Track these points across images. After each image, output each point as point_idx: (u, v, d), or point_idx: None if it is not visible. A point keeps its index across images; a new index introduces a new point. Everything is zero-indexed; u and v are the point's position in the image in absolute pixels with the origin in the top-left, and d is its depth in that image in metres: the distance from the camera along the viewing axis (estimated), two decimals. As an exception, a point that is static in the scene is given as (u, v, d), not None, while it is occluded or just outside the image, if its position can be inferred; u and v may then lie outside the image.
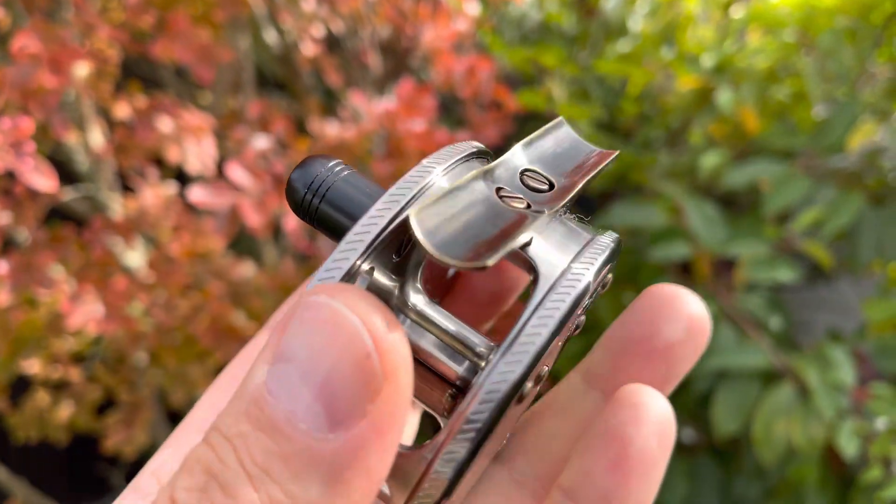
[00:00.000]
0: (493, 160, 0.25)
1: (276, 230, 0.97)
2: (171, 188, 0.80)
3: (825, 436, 0.68)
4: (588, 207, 1.43)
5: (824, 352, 0.73)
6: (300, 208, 0.23)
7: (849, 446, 0.66)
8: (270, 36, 0.84)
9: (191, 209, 0.78)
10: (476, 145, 0.26)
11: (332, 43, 0.88)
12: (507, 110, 0.78)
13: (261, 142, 0.65)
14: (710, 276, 0.79)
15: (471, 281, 0.27)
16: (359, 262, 0.20)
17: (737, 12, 1.06)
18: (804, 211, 0.81)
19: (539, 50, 1.06)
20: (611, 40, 1.17)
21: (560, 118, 0.27)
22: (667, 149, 1.12)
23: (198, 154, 0.74)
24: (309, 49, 0.77)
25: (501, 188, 0.23)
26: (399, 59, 0.82)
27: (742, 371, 0.73)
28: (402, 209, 0.21)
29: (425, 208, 0.19)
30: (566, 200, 0.23)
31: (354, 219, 0.22)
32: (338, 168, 0.23)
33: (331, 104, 1.01)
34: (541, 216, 0.22)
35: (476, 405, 0.20)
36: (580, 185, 0.24)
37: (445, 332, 0.23)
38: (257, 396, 0.16)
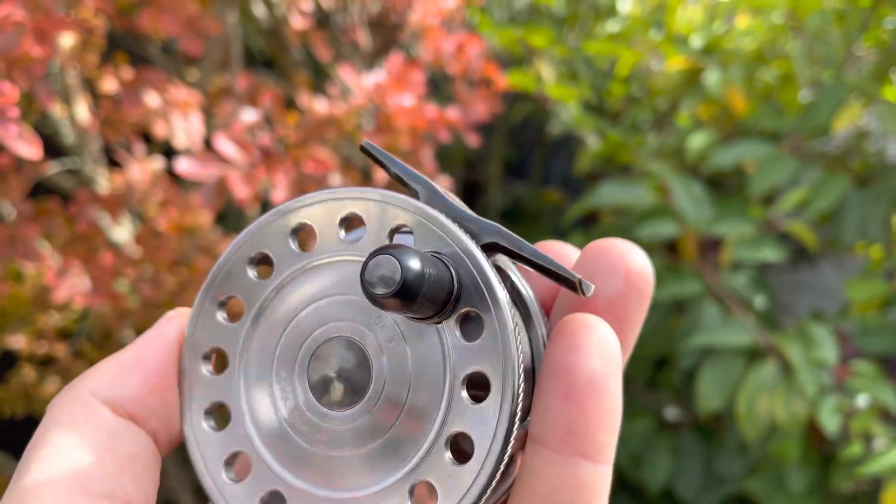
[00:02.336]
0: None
1: (263, 205, 0.97)
2: (158, 163, 0.79)
3: (807, 412, 0.69)
4: (576, 188, 1.43)
5: (807, 330, 0.74)
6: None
7: (830, 422, 0.67)
8: (259, 9, 0.84)
9: (178, 184, 0.78)
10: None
11: (321, 20, 0.87)
12: (497, 88, 0.78)
13: (248, 115, 0.65)
14: (696, 255, 0.80)
15: None
16: None
17: (726, -6, 1.06)
18: (789, 192, 0.82)
19: (528, 30, 1.05)
20: (600, 21, 1.17)
21: None
22: (654, 131, 1.12)
23: (185, 129, 0.73)
24: (298, 22, 0.77)
25: None
26: (388, 34, 0.82)
27: (727, 348, 0.74)
28: None
29: None
30: None
31: None
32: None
33: (319, 81, 1.01)
34: None
35: None
36: None
37: None
38: None
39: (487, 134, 1.31)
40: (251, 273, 0.26)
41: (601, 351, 0.22)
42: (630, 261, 0.24)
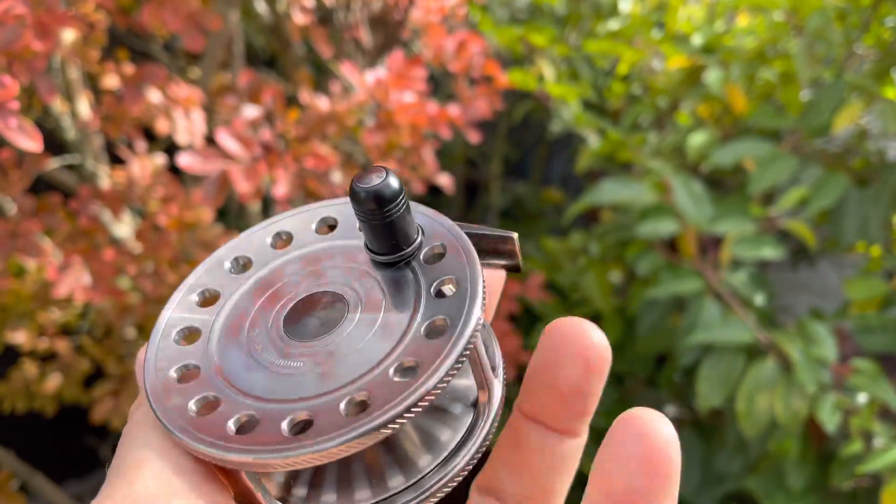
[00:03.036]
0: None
1: (264, 200, 0.97)
2: (159, 159, 0.79)
3: (807, 410, 0.69)
4: (576, 187, 1.43)
5: (807, 328, 0.74)
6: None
7: (830, 420, 0.67)
8: (260, 5, 0.84)
9: (179, 180, 0.78)
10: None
11: (322, 17, 0.87)
12: (498, 85, 0.78)
13: (250, 111, 0.65)
14: (696, 252, 0.80)
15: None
16: None
17: (727, -7, 1.06)
18: (790, 191, 0.82)
19: (529, 29, 1.05)
20: (601, 20, 1.17)
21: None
22: (655, 130, 1.12)
23: (187, 126, 0.74)
24: (299, 18, 0.77)
25: None
26: (390, 32, 0.82)
27: (726, 346, 0.74)
28: None
29: None
30: None
31: None
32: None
33: (321, 79, 1.01)
34: None
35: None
36: None
37: None
38: None
39: (488, 133, 1.31)
40: (227, 266, 0.28)
41: (648, 466, 0.21)
42: (588, 347, 0.26)
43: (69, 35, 0.63)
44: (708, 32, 1.01)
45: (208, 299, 0.27)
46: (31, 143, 0.50)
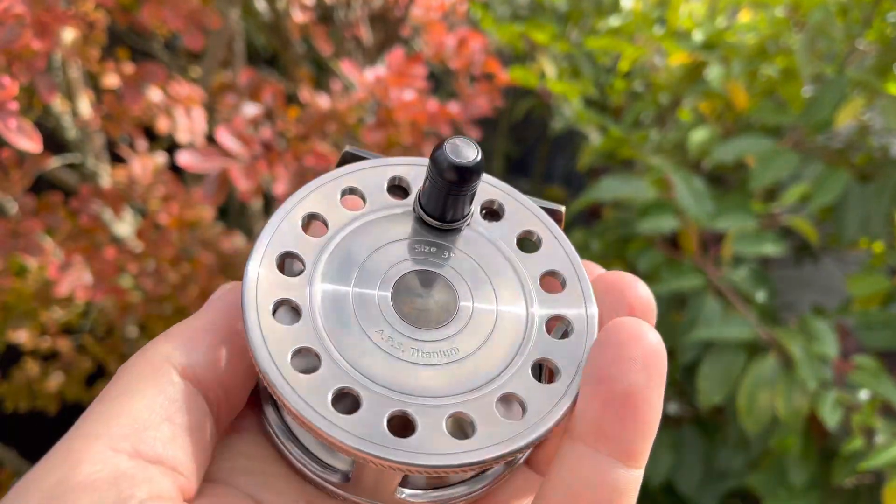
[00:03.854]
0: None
1: (265, 198, 0.97)
2: (160, 158, 0.80)
3: (808, 406, 0.69)
4: (578, 185, 1.43)
5: (808, 325, 0.73)
6: None
7: (831, 417, 0.67)
8: (261, 4, 0.84)
9: (180, 179, 0.78)
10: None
11: (323, 15, 0.87)
12: (498, 82, 0.78)
13: (250, 109, 0.65)
14: (697, 249, 0.80)
15: None
16: None
17: (728, -11, 1.06)
18: (791, 187, 0.82)
19: (530, 26, 1.05)
20: (602, 17, 1.17)
21: None
22: (656, 127, 1.12)
23: (187, 125, 0.74)
24: (299, 16, 0.77)
25: None
26: (390, 30, 0.82)
27: (728, 342, 0.73)
28: None
29: None
30: None
31: None
32: None
33: (321, 78, 1.01)
34: None
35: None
36: None
37: None
38: None
39: (489, 130, 1.31)
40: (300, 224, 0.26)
41: (646, 364, 0.23)
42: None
43: (69, 34, 0.63)
44: (709, 29, 1.01)
45: (294, 270, 0.25)
46: (30, 143, 0.50)
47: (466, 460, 0.22)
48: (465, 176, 0.24)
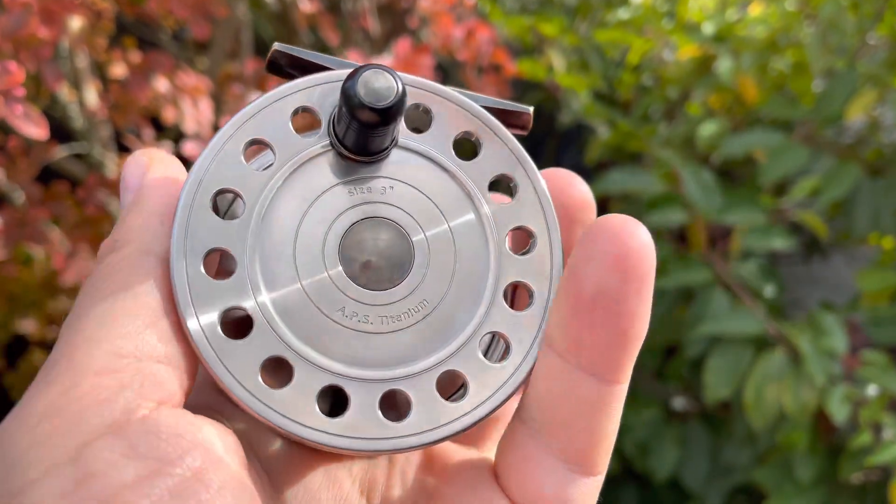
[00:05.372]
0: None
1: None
2: (167, 148, 0.79)
3: (816, 401, 0.68)
4: (587, 179, 1.42)
5: (817, 319, 0.73)
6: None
7: (839, 412, 0.67)
8: (268, -5, 0.84)
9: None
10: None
11: (330, 6, 0.87)
12: (506, 74, 0.78)
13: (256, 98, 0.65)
14: (705, 243, 0.80)
15: None
16: None
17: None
18: (801, 181, 0.81)
19: (539, 19, 1.05)
20: (611, 10, 1.16)
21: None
22: (665, 121, 1.11)
23: (194, 115, 0.74)
24: (307, 6, 0.76)
25: None
26: (397, 20, 0.81)
27: (735, 337, 0.73)
28: None
29: None
30: None
31: None
32: None
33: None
34: None
35: None
36: None
37: None
38: None
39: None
40: (251, 164, 0.23)
41: (620, 264, 0.20)
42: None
43: (76, 23, 0.63)
44: (719, 21, 1.00)
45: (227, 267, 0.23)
46: (36, 130, 0.50)
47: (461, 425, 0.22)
48: (384, 118, 0.21)
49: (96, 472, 0.17)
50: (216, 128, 0.71)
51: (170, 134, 0.85)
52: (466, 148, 0.25)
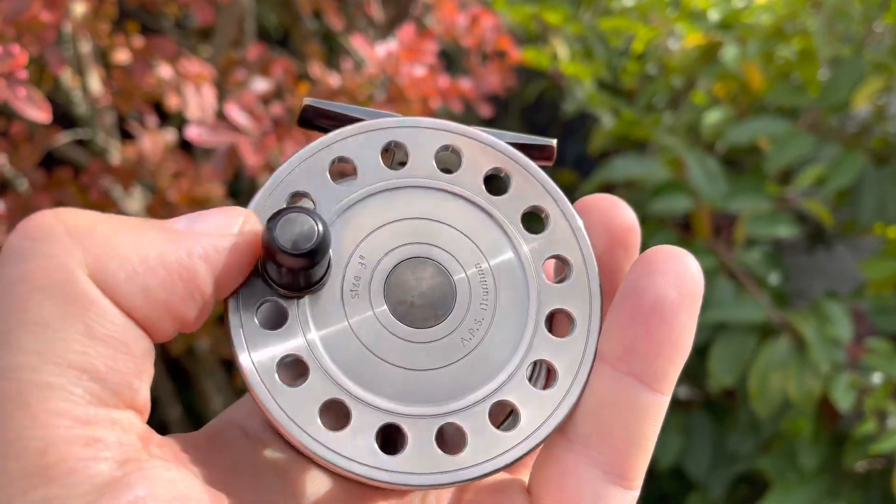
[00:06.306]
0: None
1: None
2: (170, 135, 0.79)
3: (820, 389, 0.68)
4: (591, 168, 1.42)
5: (821, 307, 0.73)
6: None
7: (844, 399, 0.67)
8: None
9: (191, 156, 0.78)
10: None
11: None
12: (511, 61, 0.77)
13: (260, 84, 0.64)
14: (710, 230, 0.79)
15: None
16: None
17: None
18: (806, 169, 0.81)
19: (543, 7, 1.04)
20: (616, -2, 1.15)
21: None
22: (670, 110, 1.11)
23: (197, 101, 0.73)
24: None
25: None
26: (401, 7, 0.81)
27: (740, 324, 0.73)
28: None
29: None
30: None
31: None
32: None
33: (331, 59, 1.00)
34: None
35: None
36: None
37: None
38: None
39: (501, 113, 1.30)
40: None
41: (678, 280, 0.22)
42: (613, 217, 0.25)
43: (79, 7, 0.63)
44: (725, 8, 1.00)
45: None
46: (39, 113, 0.49)
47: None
48: (306, 258, 0.21)
49: None
50: (220, 115, 0.71)
51: (174, 121, 0.85)
52: (496, 184, 0.26)
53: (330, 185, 0.24)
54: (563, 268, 0.25)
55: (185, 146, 0.80)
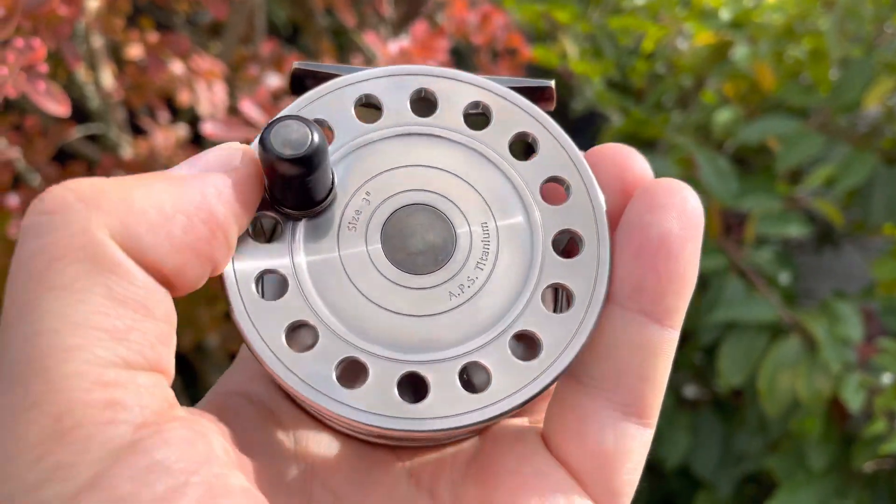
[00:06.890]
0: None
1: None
2: (181, 130, 0.80)
3: (830, 389, 0.68)
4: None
5: (831, 307, 0.73)
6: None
7: (854, 399, 0.67)
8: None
9: (201, 151, 0.78)
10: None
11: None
12: (521, 58, 0.77)
13: (273, 80, 0.65)
14: (720, 229, 0.79)
15: None
16: None
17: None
18: (817, 168, 0.81)
19: (552, 6, 1.04)
20: (626, -4, 1.15)
21: None
22: (678, 109, 1.11)
23: (209, 98, 0.74)
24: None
25: None
26: (412, 4, 0.81)
27: (749, 323, 0.73)
28: None
29: None
30: None
31: None
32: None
33: (343, 54, 1.00)
34: None
35: None
36: None
37: None
38: None
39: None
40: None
41: (679, 213, 0.22)
42: (626, 169, 0.24)
43: (93, 3, 0.63)
44: (736, 7, 1.00)
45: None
46: (58, 107, 0.50)
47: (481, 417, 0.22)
48: (300, 166, 0.21)
49: (124, 494, 0.17)
50: (231, 111, 0.71)
51: (184, 117, 0.85)
52: (521, 148, 0.25)
53: (352, 120, 0.24)
54: (575, 244, 0.24)
55: (196, 141, 0.80)
